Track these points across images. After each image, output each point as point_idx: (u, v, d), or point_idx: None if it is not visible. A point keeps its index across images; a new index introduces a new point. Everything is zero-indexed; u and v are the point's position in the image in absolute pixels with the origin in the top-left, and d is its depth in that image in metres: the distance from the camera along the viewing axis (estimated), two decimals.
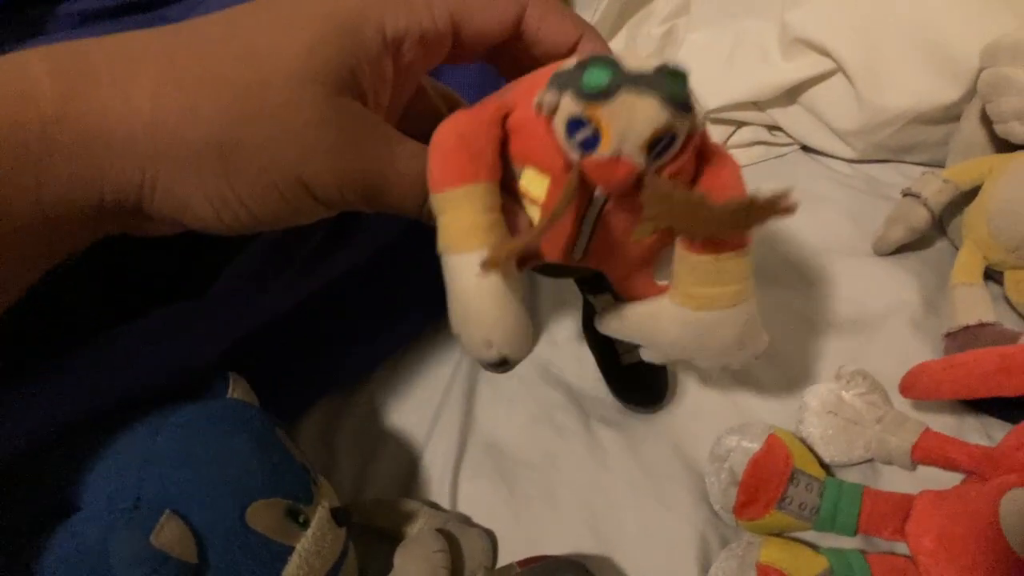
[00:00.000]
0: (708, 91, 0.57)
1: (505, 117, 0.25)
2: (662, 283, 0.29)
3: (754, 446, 0.35)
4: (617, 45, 0.62)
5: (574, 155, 0.23)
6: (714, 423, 0.39)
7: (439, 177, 0.25)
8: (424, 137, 0.26)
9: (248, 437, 0.28)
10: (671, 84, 0.22)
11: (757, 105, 0.58)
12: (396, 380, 0.44)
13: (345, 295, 0.41)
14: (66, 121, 0.21)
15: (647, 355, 0.32)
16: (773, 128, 0.59)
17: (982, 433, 0.40)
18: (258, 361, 0.36)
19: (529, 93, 0.24)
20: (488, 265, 0.23)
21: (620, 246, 0.27)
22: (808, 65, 0.55)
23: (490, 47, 0.28)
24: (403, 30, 0.25)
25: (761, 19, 0.57)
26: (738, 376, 0.44)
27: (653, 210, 0.24)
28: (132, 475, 0.26)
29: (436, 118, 0.25)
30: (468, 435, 0.42)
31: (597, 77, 0.22)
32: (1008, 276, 0.46)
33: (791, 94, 0.57)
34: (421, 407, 0.43)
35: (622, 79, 0.22)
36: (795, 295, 0.47)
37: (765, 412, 0.42)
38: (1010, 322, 0.45)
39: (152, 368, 0.30)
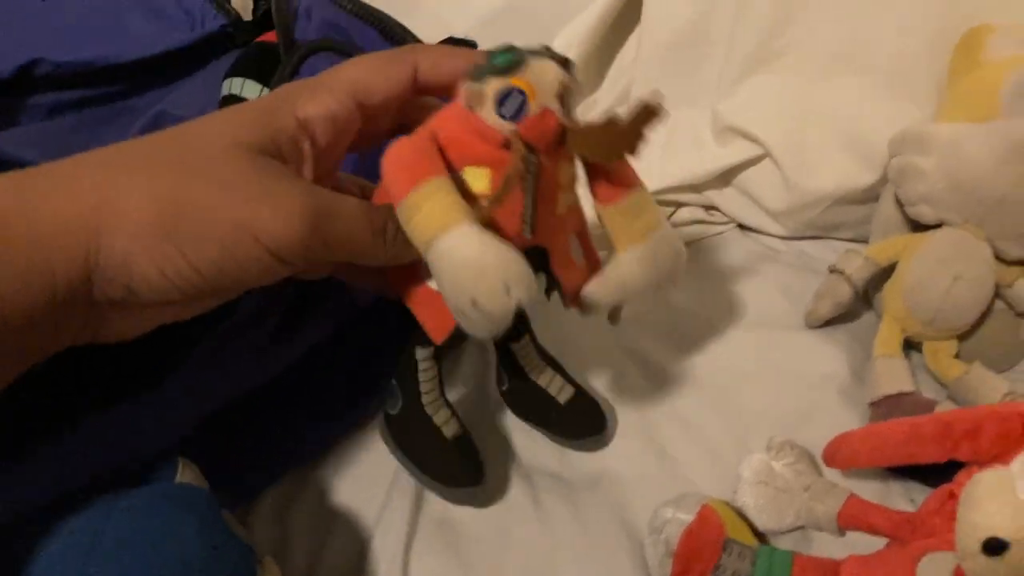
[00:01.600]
0: (648, 175, 0.60)
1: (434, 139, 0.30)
2: (580, 263, 0.36)
3: (688, 517, 0.37)
4: None
5: (509, 127, 0.28)
6: (657, 494, 0.40)
7: (407, 179, 0.28)
8: None
9: (193, 520, 0.29)
10: (555, 54, 0.29)
11: (694, 187, 0.61)
12: (349, 459, 0.45)
13: (301, 378, 0.42)
14: (18, 214, 0.23)
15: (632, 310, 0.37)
16: (710, 208, 0.63)
17: (906, 498, 0.42)
18: (213, 444, 0.37)
19: (443, 118, 0.30)
20: (491, 207, 0.28)
21: (551, 218, 0.32)
22: (740, 151, 0.59)
23: (399, 111, 0.31)
24: (312, 112, 0.28)
25: (695, 108, 0.61)
26: (680, 445, 0.45)
27: (579, 150, 0.30)
28: (78, 561, 0.27)
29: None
30: (419, 513, 0.43)
31: (507, 56, 0.28)
32: (926, 347, 0.49)
33: (725, 177, 0.61)
34: (374, 485, 0.44)
35: (524, 53, 0.28)
36: (731, 367, 0.50)
37: (707, 482, 0.43)
38: (930, 389, 0.48)
39: (111, 456, 0.31)
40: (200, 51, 0.57)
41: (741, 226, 0.63)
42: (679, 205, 0.63)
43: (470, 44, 0.60)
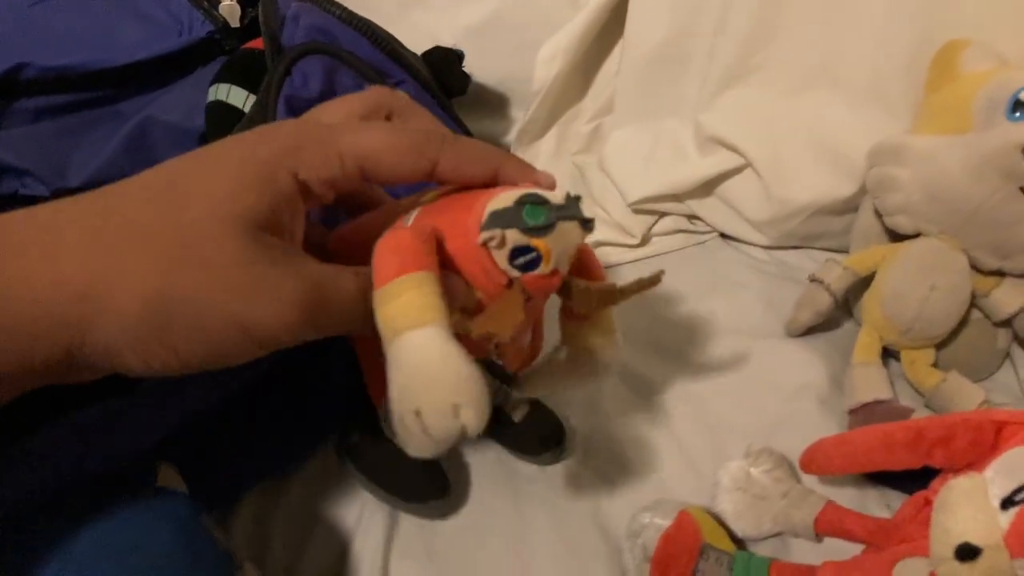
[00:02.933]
0: (632, 184, 0.61)
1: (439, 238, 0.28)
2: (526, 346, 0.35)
3: (665, 523, 0.37)
4: (548, 143, 0.67)
5: (515, 274, 0.28)
6: (635, 500, 0.41)
7: (396, 264, 0.26)
8: None
9: (171, 525, 0.29)
10: (580, 208, 0.28)
11: (677, 197, 0.62)
12: (330, 463, 0.45)
13: (283, 382, 0.42)
14: None
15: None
16: (693, 217, 0.63)
17: (882, 504, 0.42)
18: (192, 448, 0.37)
19: (457, 224, 0.28)
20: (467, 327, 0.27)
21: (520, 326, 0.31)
22: (721, 161, 0.60)
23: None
24: (314, 178, 0.27)
25: (678, 118, 0.62)
26: (661, 452, 0.46)
27: (579, 303, 0.31)
28: (53, 567, 0.27)
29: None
30: (399, 517, 0.43)
31: (537, 216, 0.27)
32: (904, 355, 0.49)
33: (707, 187, 0.61)
34: (353, 489, 0.44)
35: (554, 214, 0.27)
36: (711, 375, 0.50)
37: (685, 488, 0.44)
38: (908, 398, 0.49)
39: (85, 462, 0.31)
40: (187, 57, 0.57)
41: (723, 235, 0.64)
42: (662, 214, 0.63)
43: (457, 54, 0.60)
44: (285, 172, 0.26)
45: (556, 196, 0.28)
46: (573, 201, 0.28)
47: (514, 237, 0.27)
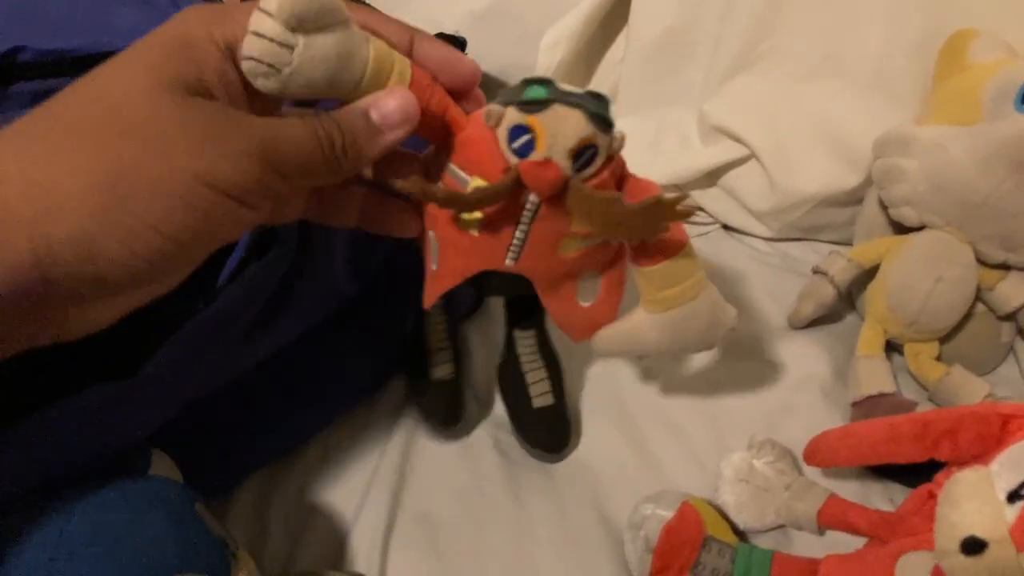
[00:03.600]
0: (635, 172, 0.61)
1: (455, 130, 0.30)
2: (585, 304, 0.34)
3: (668, 514, 0.37)
4: None
5: (513, 159, 0.28)
6: (637, 491, 0.40)
7: None
8: None
9: (163, 513, 0.29)
10: (596, 104, 0.27)
11: (680, 187, 0.61)
12: (329, 453, 0.45)
13: (278, 370, 0.42)
14: None
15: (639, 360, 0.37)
16: (696, 208, 0.63)
17: (885, 498, 0.42)
18: (190, 435, 0.37)
19: (473, 120, 0.29)
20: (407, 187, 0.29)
21: (548, 257, 0.32)
22: (725, 150, 0.59)
23: None
24: (233, 39, 0.25)
25: (682, 107, 0.61)
26: (663, 444, 0.46)
27: (576, 210, 0.29)
28: (44, 555, 0.26)
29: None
30: (398, 507, 0.42)
31: (536, 92, 0.27)
32: (907, 348, 0.49)
33: (711, 177, 0.61)
34: (353, 479, 0.44)
35: (556, 95, 0.27)
36: (715, 367, 0.50)
37: (687, 480, 0.43)
38: (911, 391, 0.48)
39: (80, 448, 0.30)
40: None
41: (726, 227, 0.63)
42: None
43: (460, 41, 0.60)
44: (203, 40, 0.25)
45: (574, 88, 0.28)
46: (589, 95, 0.27)
47: (511, 114, 0.27)
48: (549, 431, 0.44)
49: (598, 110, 0.27)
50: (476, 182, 0.29)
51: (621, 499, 0.42)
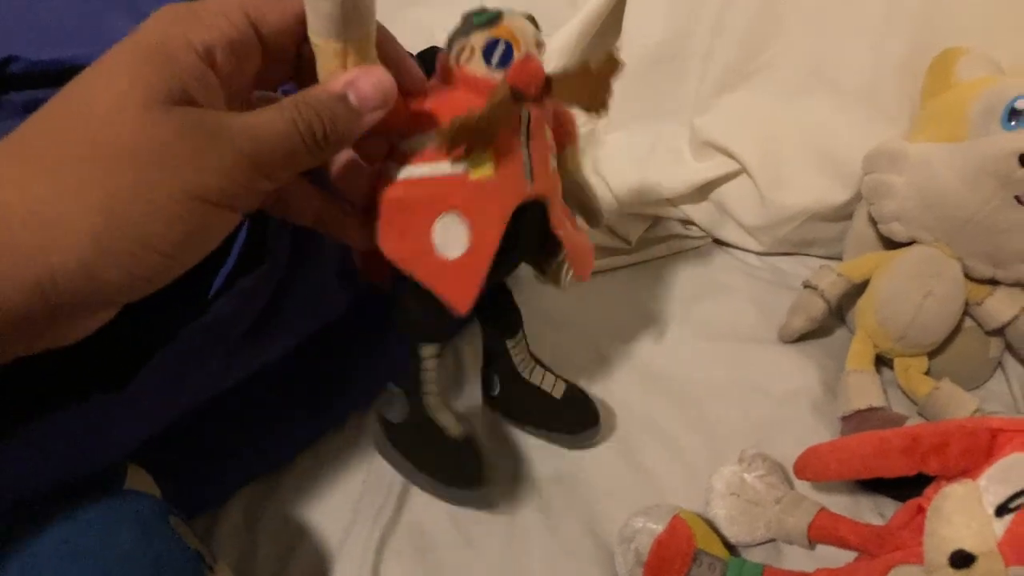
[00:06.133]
0: (626, 188, 0.61)
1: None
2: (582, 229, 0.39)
3: (659, 527, 0.37)
4: None
5: (497, 74, 0.30)
6: (628, 504, 0.40)
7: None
8: None
9: (133, 527, 0.29)
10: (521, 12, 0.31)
11: (671, 201, 0.62)
12: (320, 466, 0.45)
13: (269, 383, 0.42)
14: None
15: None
16: (686, 222, 0.63)
17: (875, 512, 0.42)
18: (177, 450, 0.36)
19: (437, 97, 0.31)
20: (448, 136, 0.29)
21: (546, 175, 0.34)
22: (716, 165, 0.60)
23: (295, 50, 0.29)
24: (209, 41, 0.26)
25: (674, 122, 0.62)
26: (654, 457, 0.46)
27: (562, 90, 0.32)
28: (13, 570, 0.26)
29: None
30: (391, 519, 0.42)
31: (484, 14, 0.30)
32: (897, 363, 0.49)
33: (702, 191, 0.61)
34: (343, 493, 0.43)
35: (497, 12, 0.30)
36: (705, 380, 0.50)
37: (678, 493, 0.43)
38: (901, 405, 0.49)
39: (66, 462, 0.30)
40: None
41: (717, 241, 0.63)
42: (656, 218, 0.63)
43: None
44: (179, 45, 0.25)
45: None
46: (506, 8, 0.30)
47: (477, 37, 0.30)
48: (583, 409, 0.45)
49: (523, 13, 0.31)
50: (475, 158, 0.31)
51: (612, 512, 0.42)
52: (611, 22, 0.61)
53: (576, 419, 0.44)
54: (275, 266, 0.35)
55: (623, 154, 0.62)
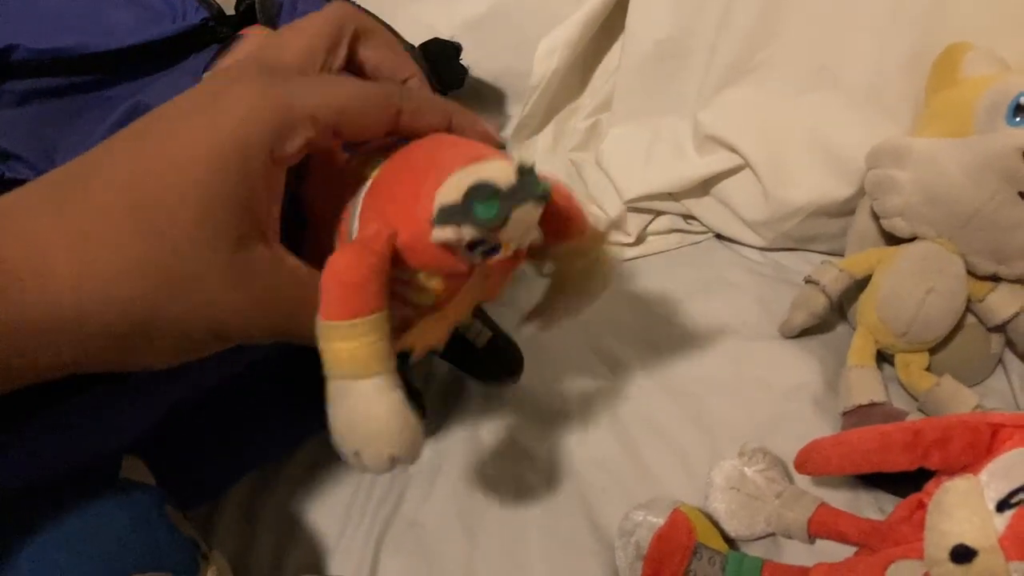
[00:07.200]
0: (628, 181, 0.61)
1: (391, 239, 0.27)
2: None
3: (659, 521, 0.37)
4: (545, 139, 0.66)
5: (477, 260, 0.26)
6: (628, 498, 0.40)
7: (344, 307, 0.25)
8: None
9: (128, 514, 0.29)
10: (536, 185, 0.25)
11: (673, 196, 0.62)
12: (321, 457, 0.45)
13: (269, 373, 0.42)
14: None
15: None
16: (688, 217, 0.63)
17: (875, 507, 0.42)
18: (178, 441, 0.36)
19: (407, 215, 0.26)
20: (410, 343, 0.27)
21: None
22: (719, 160, 0.59)
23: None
24: (288, 148, 0.25)
25: (676, 116, 0.62)
26: (654, 451, 0.45)
27: (563, 266, 0.32)
28: (9, 557, 0.27)
29: None
30: (390, 512, 0.42)
31: (489, 210, 0.24)
32: (898, 359, 0.49)
33: (704, 186, 0.61)
34: (342, 486, 0.44)
35: (509, 203, 0.24)
36: (706, 375, 0.50)
37: (678, 487, 0.43)
38: (901, 401, 0.48)
39: (68, 453, 0.30)
40: (181, 44, 0.56)
41: (719, 236, 0.63)
42: (658, 213, 0.63)
43: (455, 46, 0.60)
44: (258, 152, 0.25)
45: (506, 173, 0.25)
46: (525, 177, 0.25)
47: (468, 232, 0.25)
48: (503, 359, 0.46)
49: (541, 190, 0.25)
50: (423, 274, 0.27)
51: (612, 506, 0.42)
52: (614, 17, 0.60)
53: (495, 368, 0.47)
54: None
55: (626, 148, 0.62)
